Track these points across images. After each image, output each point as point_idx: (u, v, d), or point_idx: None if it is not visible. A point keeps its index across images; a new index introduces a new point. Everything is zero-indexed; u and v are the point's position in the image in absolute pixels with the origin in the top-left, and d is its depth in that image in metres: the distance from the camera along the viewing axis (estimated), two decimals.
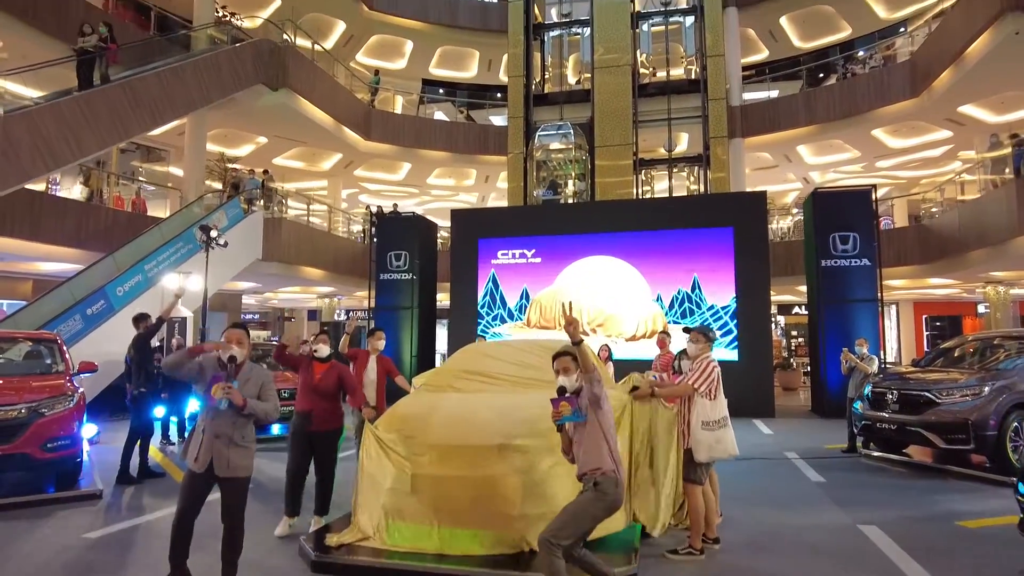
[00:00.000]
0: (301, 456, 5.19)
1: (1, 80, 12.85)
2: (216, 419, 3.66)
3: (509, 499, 4.25)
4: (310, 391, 5.17)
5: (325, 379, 5.19)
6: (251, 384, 3.82)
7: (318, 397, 5.16)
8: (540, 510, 4.11)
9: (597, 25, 18.21)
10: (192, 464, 3.70)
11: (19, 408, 5.92)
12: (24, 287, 16.70)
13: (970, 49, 13.55)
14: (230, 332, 3.89)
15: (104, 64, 12.69)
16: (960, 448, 6.91)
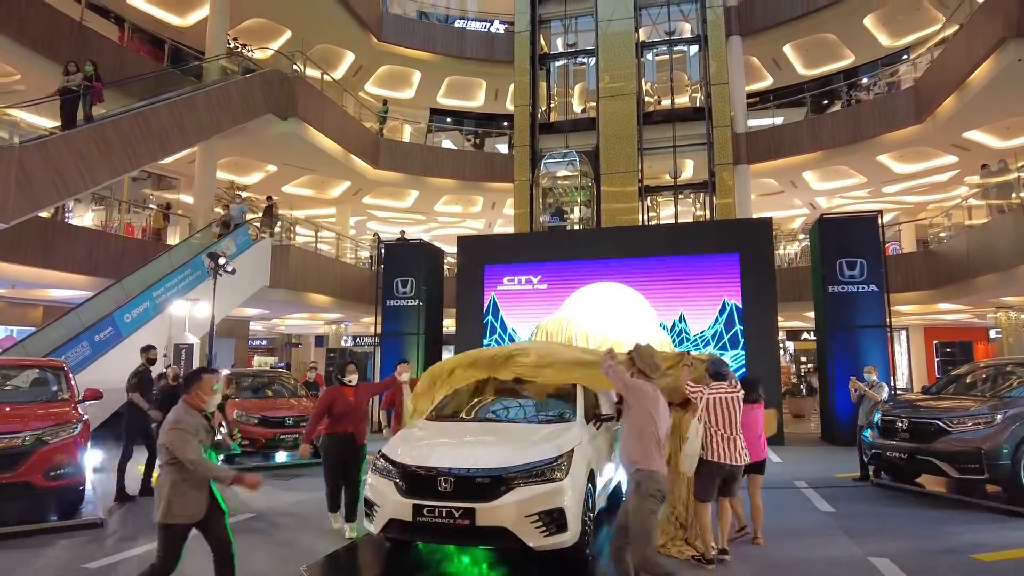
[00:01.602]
0: (336, 474, 6.00)
1: (18, 112, 13.11)
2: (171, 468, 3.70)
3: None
4: (347, 413, 5.94)
5: (359, 399, 6.08)
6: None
7: (356, 417, 6.00)
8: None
9: (602, 55, 18.47)
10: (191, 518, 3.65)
11: (23, 436, 5.93)
12: (34, 313, 16.86)
13: (973, 76, 13.61)
14: (210, 377, 3.94)
15: (88, 103, 12.43)
16: (973, 477, 6.76)
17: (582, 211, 17.83)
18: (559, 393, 6.00)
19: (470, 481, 4.40)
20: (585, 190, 17.72)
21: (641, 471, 3.79)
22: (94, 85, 12.61)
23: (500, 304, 14.14)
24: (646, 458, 3.81)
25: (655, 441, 3.85)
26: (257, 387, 11.49)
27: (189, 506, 3.62)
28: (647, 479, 3.77)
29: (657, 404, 3.91)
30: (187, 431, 3.62)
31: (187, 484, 3.62)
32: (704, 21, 18.46)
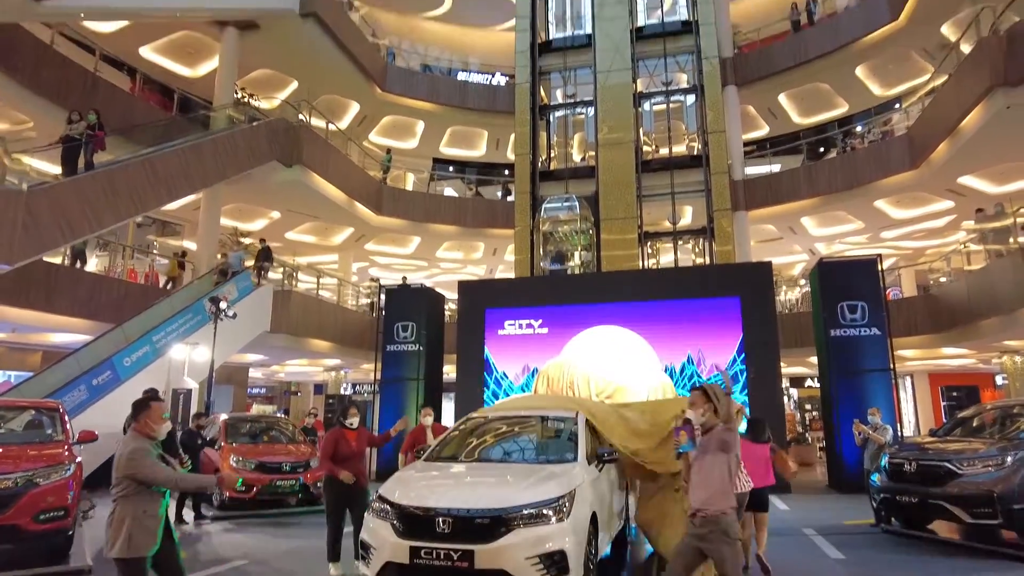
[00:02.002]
0: (338, 515, 6.06)
1: (27, 158, 13.36)
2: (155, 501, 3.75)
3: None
4: (348, 457, 6.05)
5: (360, 444, 6.23)
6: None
7: (357, 461, 6.11)
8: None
9: (601, 105, 18.88)
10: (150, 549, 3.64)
11: (14, 478, 5.82)
12: (33, 359, 16.77)
13: (963, 123, 13.87)
14: (159, 406, 3.96)
15: (90, 150, 12.59)
16: (987, 523, 6.57)
17: (583, 256, 17.91)
18: (560, 434, 5.92)
19: (469, 522, 4.28)
20: (585, 234, 17.84)
21: (730, 512, 3.84)
22: (96, 133, 12.78)
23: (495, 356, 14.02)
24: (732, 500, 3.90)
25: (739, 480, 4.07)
26: (255, 433, 11.33)
27: (150, 537, 3.60)
28: (733, 521, 3.85)
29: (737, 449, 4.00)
30: (148, 456, 3.65)
31: (147, 515, 3.61)
32: (700, 72, 18.94)
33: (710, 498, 3.79)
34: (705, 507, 3.80)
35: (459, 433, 6.12)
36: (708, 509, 3.79)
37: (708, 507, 3.78)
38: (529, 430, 6.23)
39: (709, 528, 3.77)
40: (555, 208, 18.09)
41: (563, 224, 18.02)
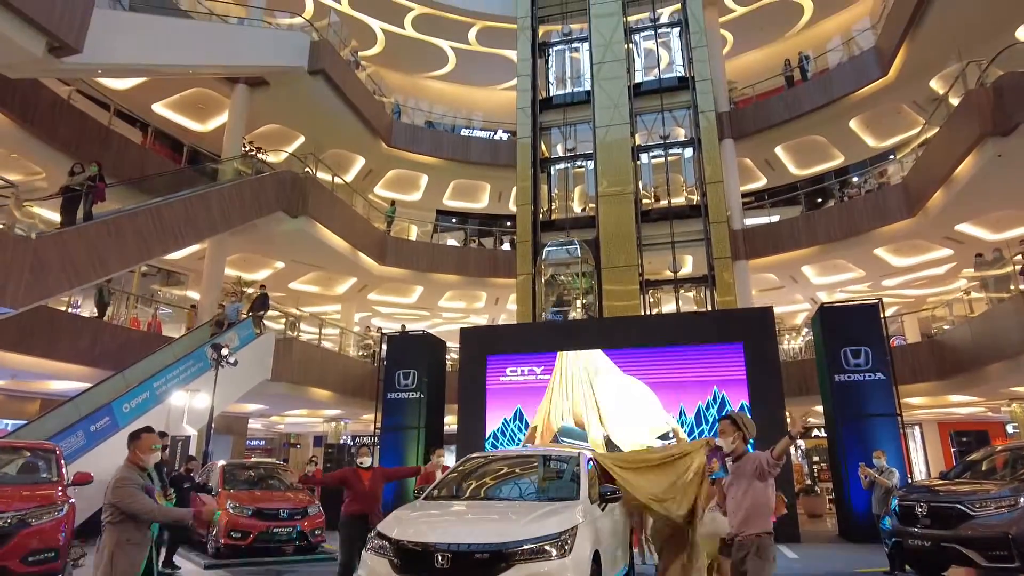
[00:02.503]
0: (351, 554, 5.98)
1: (36, 208, 13.60)
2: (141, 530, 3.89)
3: None
4: (362, 496, 6.17)
5: (373, 483, 6.31)
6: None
7: (371, 499, 6.20)
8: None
9: (600, 158, 19.29)
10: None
11: (5, 517, 5.72)
12: (31, 407, 16.66)
13: (957, 172, 14.12)
14: (150, 437, 4.34)
15: (89, 202, 12.52)
16: (1004, 566, 6.37)
17: (584, 299, 17.93)
18: (562, 474, 5.83)
19: (468, 557, 4.18)
20: (587, 277, 17.91)
21: (764, 536, 3.97)
22: (97, 185, 12.77)
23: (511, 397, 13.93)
24: (767, 524, 4.01)
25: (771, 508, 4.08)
26: (252, 479, 11.14)
27: (132, 566, 3.74)
28: (769, 543, 3.97)
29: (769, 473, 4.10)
30: (133, 487, 3.80)
31: (130, 543, 3.73)
32: (697, 126, 19.43)
33: (746, 521, 3.99)
34: (742, 530, 4.00)
35: (459, 473, 6.03)
36: (745, 531, 3.99)
37: (745, 530, 3.99)
38: (530, 470, 6.14)
39: (746, 550, 3.97)
40: (557, 251, 18.24)
41: (565, 267, 18.11)
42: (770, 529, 4.01)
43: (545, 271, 18.15)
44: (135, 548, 3.75)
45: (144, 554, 3.79)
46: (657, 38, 20.74)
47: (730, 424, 4.24)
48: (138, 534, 3.79)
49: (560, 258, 18.12)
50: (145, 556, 3.77)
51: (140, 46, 13.57)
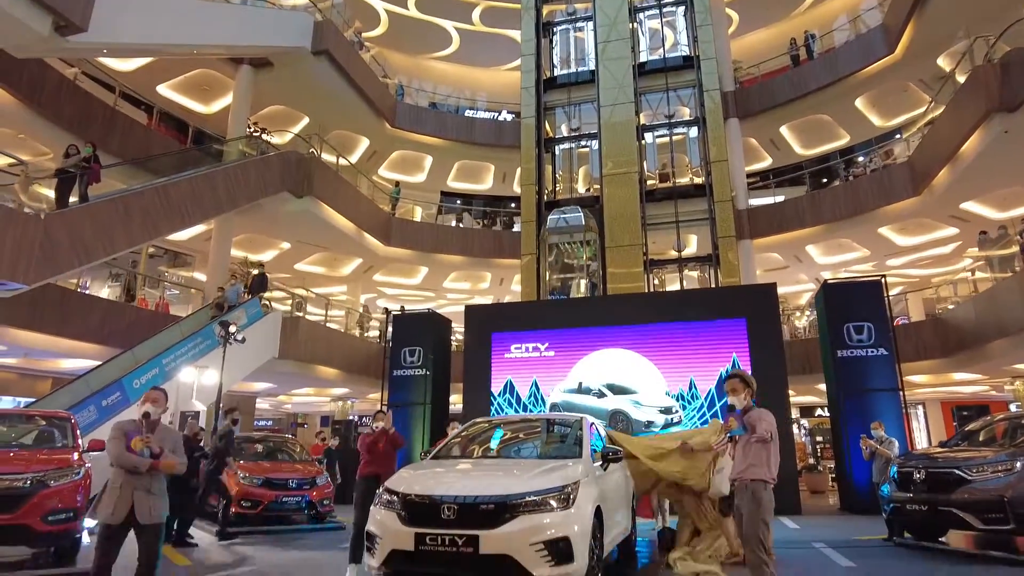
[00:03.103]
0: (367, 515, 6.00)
1: (43, 189, 13.72)
2: (135, 474, 4.20)
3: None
4: (377, 458, 6.38)
5: (387, 446, 6.51)
6: (166, 442, 4.42)
7: (385, 461, 6.39)
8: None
9: (605, 138, 19.26)
10: (109, 517, 4.16)
11: (25, 478, 5.89)
12: (43, 386, 16.88)
13: (963, 149, 14.08)
14: (149, 392, 4.57)
15: (84, 183, 12.41)
16: (999, 528, 6.49)
17: (589, 266, 17.94)
18: (565, 437, 5.96)
19: (474, 508, 4.31)
20: (591, 245, 17.95)
21: (759, 482, 4.13)
22: (92, 166, 12.67)
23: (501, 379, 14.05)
24: (767, 470, 4.15)
25: (775, 459, 4.21)
26: (262, 451, 11.35)
27: (108, 506, 4.13)
28: (763, 490, 4.12)
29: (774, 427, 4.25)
30: (115, 435, 4.26)
31: (112, 487, 4.18)
32: (702, 105, 19.36)
33: (747, 469, 4.18)
34: (742, 475, 4.20)
35: (465, 436, 6.16)
36: (744, 476, 4.19)
37: (744, 475, 4.19)
38: (534, 433, 6.28)
39: (742, 494, 4.18)
40: (561, 217, 18.26)
41: (568, 235, 18.10)
42: (766, 478, 4.14)
43: (549, 236, 18.11)
44: (115, 491, 4.16)
45: (125, 497, 4.13)
46: (662, 17, 20.60)
47: (740, 382, 4.41)
48: (118, 479, 4.18)
49: (564, 226, 18.09)
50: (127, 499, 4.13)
51: (145, 26, 13.62)
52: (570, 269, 18.31)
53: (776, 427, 4.28)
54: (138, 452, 4.22)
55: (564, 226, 18.17)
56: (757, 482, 4.11)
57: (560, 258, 18.49)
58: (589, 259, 18.02)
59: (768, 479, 4.14)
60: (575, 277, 18.35)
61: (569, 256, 18.50)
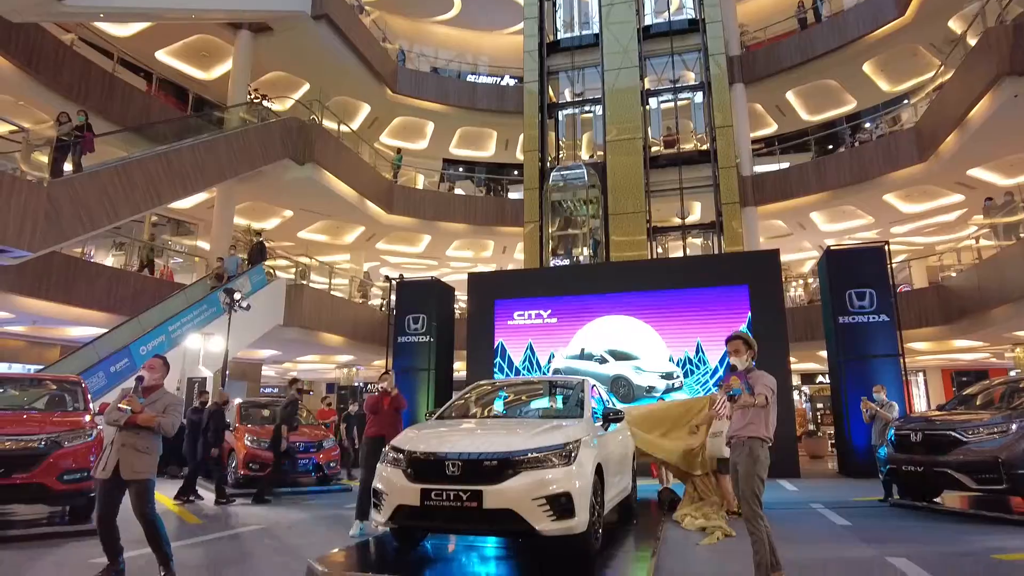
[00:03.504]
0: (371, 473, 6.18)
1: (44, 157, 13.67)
2: (122, 432, 4.44)
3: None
4: (381, 419, 6.53)
5: (389, 407, 6.65)
6: (158, 404, 4.62)
7: (386, 422, 6.49)
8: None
9: (609, 103, 19.04)
10: (100, 472, 4.43)
11: (39, 439, 6.04)
12: (52, 353, 17.06)
13: (971, 114, 13.91)
14: (150, 360, 4.85)
15: (78, 152, 12.21)
16: (992, 488, 6.61)
17: (591, 223, 17.87)
18: (568, 399, 6.05)
19: (478, 464, 4.41)
20: (594, 203, 17.89)
21: (756, 439, 4.18)
22: (85, 135, 12.44)
23: (507, 346, 14.16)
24: (764, 429, 4.20)
25: (773, 420, 4.26)
26: (270, 416, 11.53)
27: (101, 462, 4.46)
28: (759, 447, 4.17)
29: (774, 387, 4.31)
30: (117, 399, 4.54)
31: (107, 444, 4.52)
32: (707, 70, 19.09)
33: (745, 427, 4.23)
34: (739, 433, 4.26)
35: (468, 398, 6.26)
36: (741, 434, 4.25)
37: (742, 433, 4.24)
38: (537, 395, 6.38)
39: (739, 450, 4.24)
40: (563, 174, 18.17)
41: (571, 188, 18.00)
42: (763, 436, 4.20)
43: (551, 193, 18.02)
44: (107, 449, 4.50)
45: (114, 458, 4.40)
46: None
47: (742, 343, 4.46)
48: (110, 437, 4.51)
49: (567, 183, 17.99)
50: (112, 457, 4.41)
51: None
52: (573, 226, 18.19)
53: (775, 389, 4.31)
54: (123, 410, 4.43)
55: (567, 183, 18.04)
56: (755, 439, 4.17)
57: (562, 215, 18.32)
58: (592, 216, 17.91)
59: (765, 437, 4.20)
60: (579, 233, 18.18)
61: (572, 214, 18.34)
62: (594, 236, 17.74)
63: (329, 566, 4.54)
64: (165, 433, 4.57)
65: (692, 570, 4.71)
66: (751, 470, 4.11)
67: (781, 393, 11.49)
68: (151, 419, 4.43)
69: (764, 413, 4.23)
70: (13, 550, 5.47)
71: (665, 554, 5.29)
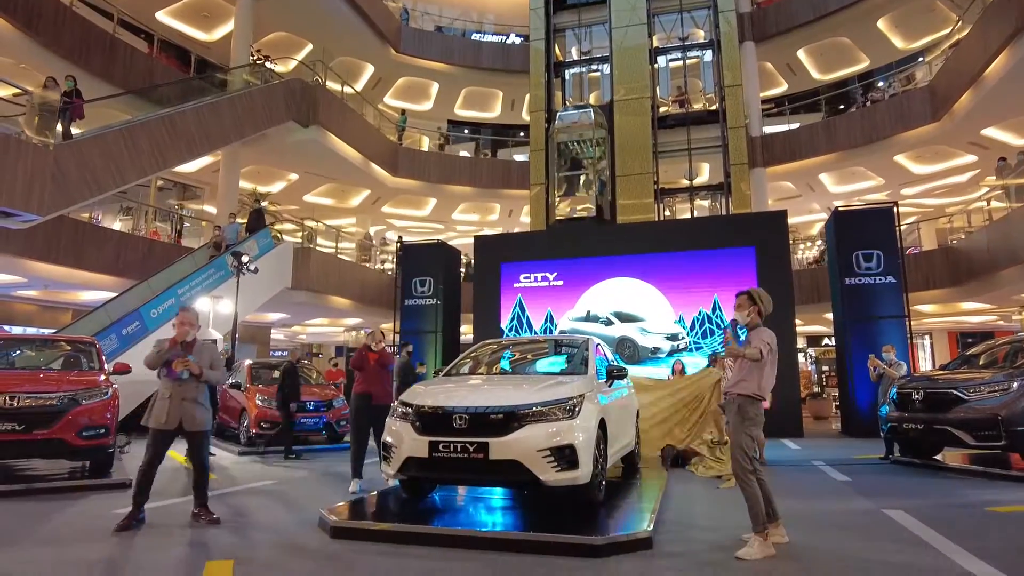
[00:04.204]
0: (364, 431, 6.37)
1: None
2: (182, 387, 4.78)
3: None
4: (369, 376, 6.48)
5: (379, 364, 6.59)
6: (204, 358, 4.92)
7: (374, 380, 6.48)
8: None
9: (616, 61, 18.73)
10: (161, 424, 4.76)
11: (57, 397, 6.20)
12: (64, 317, 17.30)
13: (988, 70, 13.63)
14: (183, 315, 5.05)
15: (68, 119, 11.77)
16: (991, 445, 6.71)
17: (598, 165, 17.72)
18: (572, 357, 6.13)
19: (484, 418, 4.53)
20: (600, 145, 17.72)
21: (747, 397, 4.20)
22: (74, 101, 12.05)
23: (525, 302, 14.25)
24: (756, 387, 4.21)
25: (768, 378, 4.25)
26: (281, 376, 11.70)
27: (160, 414, 4.75)
28: (750, 405, 4.19)
29: (773, 344, 4.30)
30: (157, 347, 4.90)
31: (160, 397, 4.81)
32: (717, 27, 18.69)
33: (738, 383, 4.26)
34: (731, 389, 4.29)
35: (475, 356, 6.36)
36: (732, 391, 4.27)
37: (733, 390, 4.27)
38: (542, 353, 6.48)
39: (731, 406, 4.29)
40: (570, 115, 17.98)
41: (577, 132, 17.80)
42: (753, 394, 4.19)
43: (557, 134, 17.85)
44: (161, 401, 4.79)
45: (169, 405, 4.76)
46: None
47: (747, 299, 4.47)
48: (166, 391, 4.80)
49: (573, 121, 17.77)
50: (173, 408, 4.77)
51: None
52: (579, 167, 18.01)
53: (774, 346, 4.28)
54: (178, 373, 4.72)
55: (574, 123, 17.81)
56: (745, 397, 4.19)
57: (569, 156, 18.09)
58: (600, 158, 17.72)
59: (754, 394, 4.20)
60: (585, 173, 17.96)
61: (579, 155, 18.11)
62: (600, 177, 17.54)
63: (340, 515, 4.69)
64: (216, 383, 5.13)
65: (694, 520, 4.84)
66: (740, 427, 4.16)
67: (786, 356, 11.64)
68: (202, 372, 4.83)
69: (758, 370, 4.21)
70: (39, 502, 5.68)
71: (667, 505, 5.43)
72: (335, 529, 4.42)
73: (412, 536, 4.29)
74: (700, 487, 6.46)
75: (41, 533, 4.59)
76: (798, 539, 4.29)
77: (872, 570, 3.58)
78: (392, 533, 4.37)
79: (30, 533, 4.56)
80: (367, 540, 4.31)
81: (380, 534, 4.38)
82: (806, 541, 4.28)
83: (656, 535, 4.25)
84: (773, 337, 4.33)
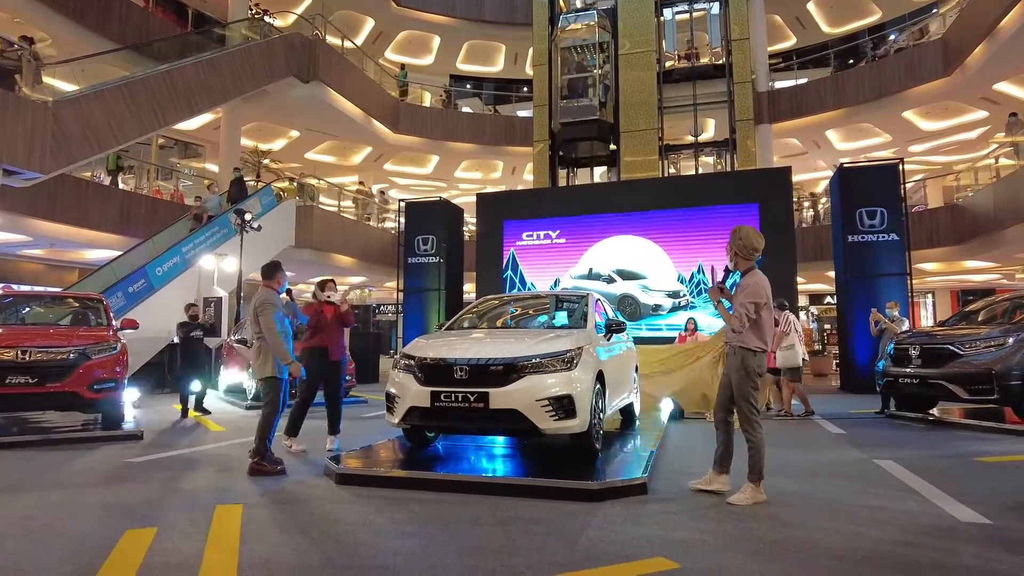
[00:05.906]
0: (313, 388, 6.08)
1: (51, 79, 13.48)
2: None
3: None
4: (324, 329, 6.08)
5: (335, 319, 6.17)
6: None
7: (330, 334, 6.09)
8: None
9: (621, 15, 18.27)
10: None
11: (69, 351, 6.35)
12: (71, 277, 17.45)
13: (1003, 22, 13.33)
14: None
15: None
16: (984, 399, 6.82)
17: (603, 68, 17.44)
18: (573, 312, 6.21)
19: (484, 369, 4.64)
20: (604, 51, 17.49)
21: (747, 351, 4.16)
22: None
23: (519, 259, 14.32)
24: (755, 339, 4.18)
25: (766, 329, 4.21)
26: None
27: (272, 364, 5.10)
28: (751, 358, 4.16)
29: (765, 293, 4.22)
30: (272, 303, 5.16)
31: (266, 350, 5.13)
32: None
33: (737, 335, 4.22)
34: (731, 341, 4.29)
35: (476, 310, 6.45)
36: (732, 342, 4.27)
37: (733, 341, 4.27)
38: (542, 308, 6.56)
39: (732, 359, 4.27)
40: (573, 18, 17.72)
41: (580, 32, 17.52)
42: (751, 346, 4.18)
43: (560, 40, 17.58)
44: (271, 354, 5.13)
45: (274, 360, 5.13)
46: None
47: (728, 246, 4.48)
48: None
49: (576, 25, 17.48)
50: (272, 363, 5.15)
51: None
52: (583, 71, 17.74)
53: (763, 299, 4.18)
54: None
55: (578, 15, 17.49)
56: (745, 350, 4.18)
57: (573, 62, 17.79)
58: (604, 63, 17.45)
59: (755, 347, 4.19)
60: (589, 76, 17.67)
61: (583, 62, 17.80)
62: (604, 81, 17.31)
63: (344, 462, 4.86)
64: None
65: (690, 468, 4.98)
66: (743, 379, 4.17)
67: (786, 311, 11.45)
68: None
69: (760, 325, 4.20)
70: (55, 452, 5.88)
71: (664, 453, 5.58)
72: (340, 476, 4.58)
73: (415, 482, 4.45)
74: (698, 439, 6.61)
75: (59, 478, 4.77)
76: (790, 487, 4.43)
77: (857, 514, 3.71)
78: (396, 479, 4.53)
79: (47, 479, 4.74)
80: (372, 486, 4.46)
81: (385, 480, 4.54)
82: (797, 488, 4.42)
83: (651, 482, 4.39)
84: (760, 290, 4.21)
